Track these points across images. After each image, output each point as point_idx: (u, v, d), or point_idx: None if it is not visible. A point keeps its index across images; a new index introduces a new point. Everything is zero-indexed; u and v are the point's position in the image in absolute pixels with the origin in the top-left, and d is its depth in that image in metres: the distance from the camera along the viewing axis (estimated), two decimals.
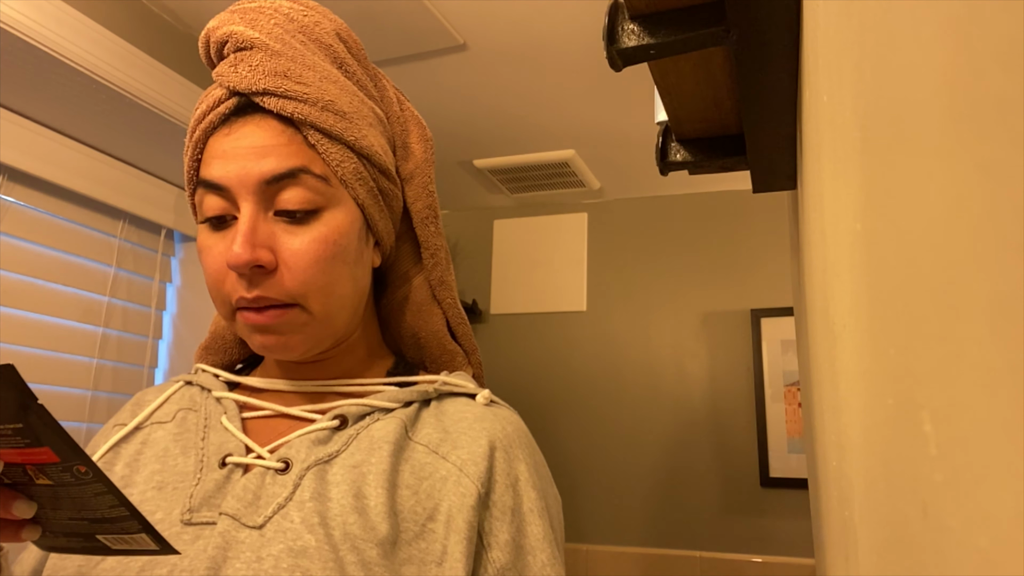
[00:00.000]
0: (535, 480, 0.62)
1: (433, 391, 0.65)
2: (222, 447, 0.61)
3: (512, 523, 0.59)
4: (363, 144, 0.62)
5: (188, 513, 0.56)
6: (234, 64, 0.60)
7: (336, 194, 0.61)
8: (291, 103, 0.58)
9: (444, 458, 0.60)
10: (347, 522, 0.54)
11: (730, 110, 0.62)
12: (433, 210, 0.71)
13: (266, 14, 0.62)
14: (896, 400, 0.19)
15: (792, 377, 2.02)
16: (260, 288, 0.58)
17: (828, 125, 0.31)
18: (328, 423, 0.61)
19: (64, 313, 1.42)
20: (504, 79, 1.67)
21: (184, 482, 0.59)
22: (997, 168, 0.12)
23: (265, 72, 0.59)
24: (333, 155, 0.60)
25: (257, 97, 0.59)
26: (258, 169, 0.58)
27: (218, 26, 0.62)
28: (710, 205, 2.23)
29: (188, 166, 0.63)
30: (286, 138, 0.59)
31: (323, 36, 0.64)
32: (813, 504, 0.69)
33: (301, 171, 0.58)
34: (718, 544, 2.00)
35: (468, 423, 0.62)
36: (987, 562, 0.13)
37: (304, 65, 0.60)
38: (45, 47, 1.14)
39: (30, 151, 1.31)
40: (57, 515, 0.48)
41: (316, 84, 0.60)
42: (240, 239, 0.57)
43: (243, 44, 0.60)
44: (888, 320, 0.20)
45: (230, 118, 0.60)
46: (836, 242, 0.30)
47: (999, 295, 0.12)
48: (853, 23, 0.24)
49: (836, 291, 0.31)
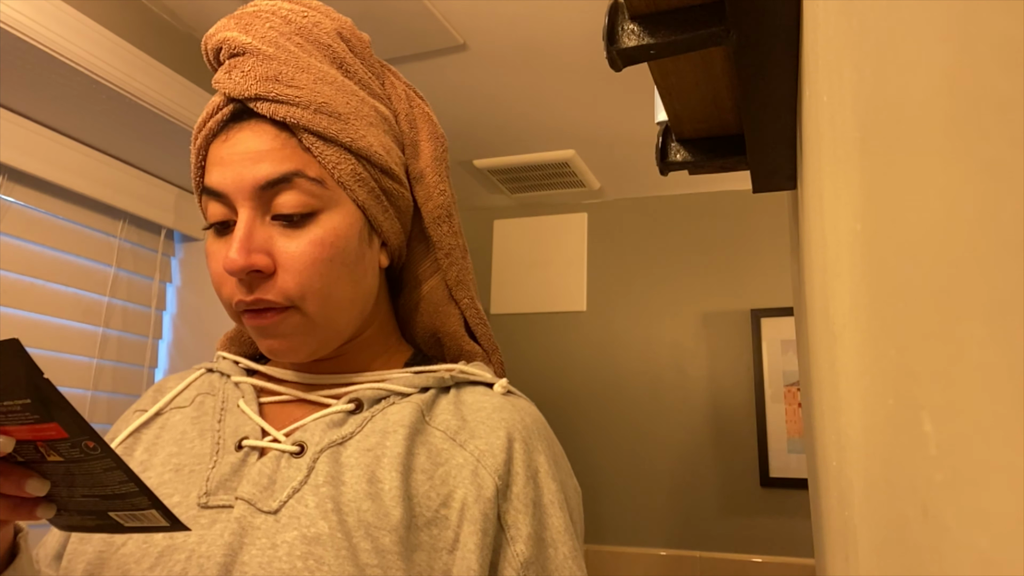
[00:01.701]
0: (554, 471, 0.62)
1: (450, 378, 0.65)
2: (238, 430, 0.61)
3: (534, 516, 0.59)
4: (361, 145, 0.62)
5: (205, 496, 0.57)
6: (228, 71, 0.60)
7: (333, 196, 0.61)
8: (283, 107, 0.59)
9: (462, 446, 0.60)
10: (361, 508, 0.55)
11: (730, 110, 0.62)
12: (446, 209, 0.71)
13: (262, 18, 0.63)
14: (896, 400, 0.19)
15: (792, 377, 2.02)
16: (258, 291, 0.59)
17: (828, 125, 0.31)
18: (343, 406, 0.61)
19: (64, 313, 1.42)
20: (504, 79, 1.67)
21: (201, 464, 0.60)
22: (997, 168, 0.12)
23: (256, 77, 0.59)
24: (328, 157, 0.60)
25: (251, 103, 0.59)
26: (252, 175, 0.58)
27: (214, 33, 0.63)
28: (710, 205, 2.23)
29: (194, 173, 0.64)
30: (280, 143, 0.59)
31: (322, 36, 0.64)
32: (813, 504, 0.69)
33: (295, 175, 0.59)
34: (718, 544, 2.00)
35: (486, 412, 0.62)
36: (987, 562, 0.13)
37: (297, 68, 0.60)
38: (45, 47, 1.14)
39: (30, 151, 1.31)
40: (70, 493, 0.49)
41: (309, 87, 0.60)
42: (236, 245, 0.57)
43: (236, 50, 0.61)
44: (888, 320, 0.20)
45: (228, 124, 0.61)
46: (836, 242, 0.30)
47: (999, 295, 0.12)
48: (853, 23, 0.24)
49: (836, 291, 0.31)
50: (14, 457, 0.48)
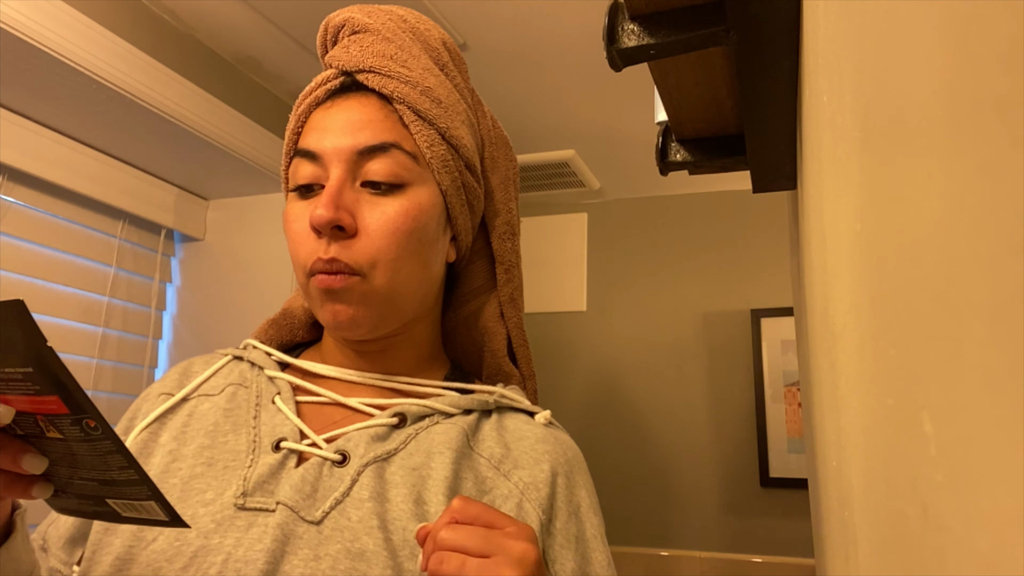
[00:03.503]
0: (595, 505, 0.64)
1: (492, 402, 0.66)
2: (275, 430, 0.60)
3: (577, 551, 0.60)
4: (454, 134, 0.65)
5: (242, 497, 0.56)
6: (347, 46, 0.66)
7: (423, 174, 0.63)
8: (392, 82, 0.63)
9: (506, 477, 0.60)
10: (407, 528, 0.54)
11: (730, 110, 0.62)
12: (512, 227, 0.74)
13: (383, 12, 0.69)
14: (896, 400, 0.19)
15: (792, 377, 2.02)
16: (335, 251, 0.60)
17: (828, 125, 0.31)
18: (387, 419, 0.61)
19: (64, 313, 1.42)
20: (504, 79, 1.67)
21: (235, 461, 0.59)
22: (997, 168, 0.12)
23: (374, 53, 0.64)
24: (424, 138, 0.63)
25: (362, 75, 0.63)
26: (353, 140, 0.61)
27: (337, 14, 0.69)
28: (710, 205, 2.23)
29: (288, 138, 0.66)
30: (383, 115, 0.63)
31: (430, 40, 0.69)
32: (813, 504, 0.69)
33: (393, 146, 0.62)
34: (718, 544, 2.00)
35: (529, 443, 0.63)
36: (987, 562, 0.13)
37: (409, 54, 0.66)
38: (45, 47, 1.14)
39: (30, 151, 1.31)
40: (70, 474, 0.46)
41: (418, 71, 0.64)
42: (325, 199, 0.59)
43: (358, 28, 0.67)
44: (888, 320, 0.20)
45: (335, 94, 0.65)
46: (836, 242, 0.30)
47: (999, 295, 0.12)
48: (853, 23, 0.24)
49: (836, 291, 0.31)
50: (13, 429, 0.45)
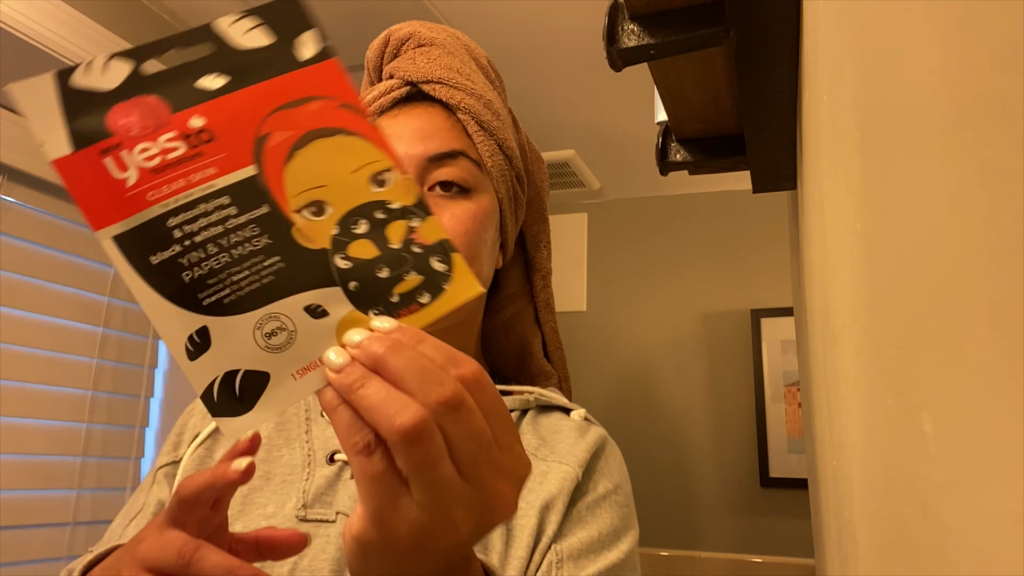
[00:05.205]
0: (628, 492, 0.66)
1: (533, 400, 0.67)
2: (328, 443, 0.62)
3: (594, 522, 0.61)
4: (510, 145, 0.68)
5: (303, 509, 0.57)
6: (412, 58, 0.68)
7: (485, 181, 0.66)
8: (458, 93, 0.66)
9: (543, 460, 0.61)
10: None
11: (730, 110, 0.62)
12: (547, 236, 0.77)
13: (441, 28, 0.72)
14: (896, 400, 0.19)
15: (792, 377, 2.01)
16: None
17: (828, 125, 0.31)
18: None
19: (64, 313, 1.42)
20: (504, 79, 1.67)
21: (293, 475, 0.60)
22: (997, 169, 0.12)
23: (442, 65, 0.67)
24: (486, 147, 0.66)
25: (428, 86, 0.66)
26: (424, 147, 0.63)
27: (400, 27, 0.71)
28: (710, 205, 2.23)
29: None
30: (449, 124, 0.65)
31: (480, 58, 0.73)
32: (813, 504, 0.69)
33: (460, 153, 0.64)
34: (718, 544, 2.00)
35: (565, 433, 0.64)
36: (987, 562, 0.13)
37: (471, 68, 0.69)
38: (45, 47, 1.14)
39: (30, 151, 1.31)
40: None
41: (481, 84, 0.68)
42: None
43: (424, 42, 0.69)
44: (888, 320, 0.20)
45: (400, 103, 0.67)
46: (836, 242, 0.30)
47: (999, 295, 0.12)
48: (853, 23, 0.24)
49: (836, 291, 0.31)
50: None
